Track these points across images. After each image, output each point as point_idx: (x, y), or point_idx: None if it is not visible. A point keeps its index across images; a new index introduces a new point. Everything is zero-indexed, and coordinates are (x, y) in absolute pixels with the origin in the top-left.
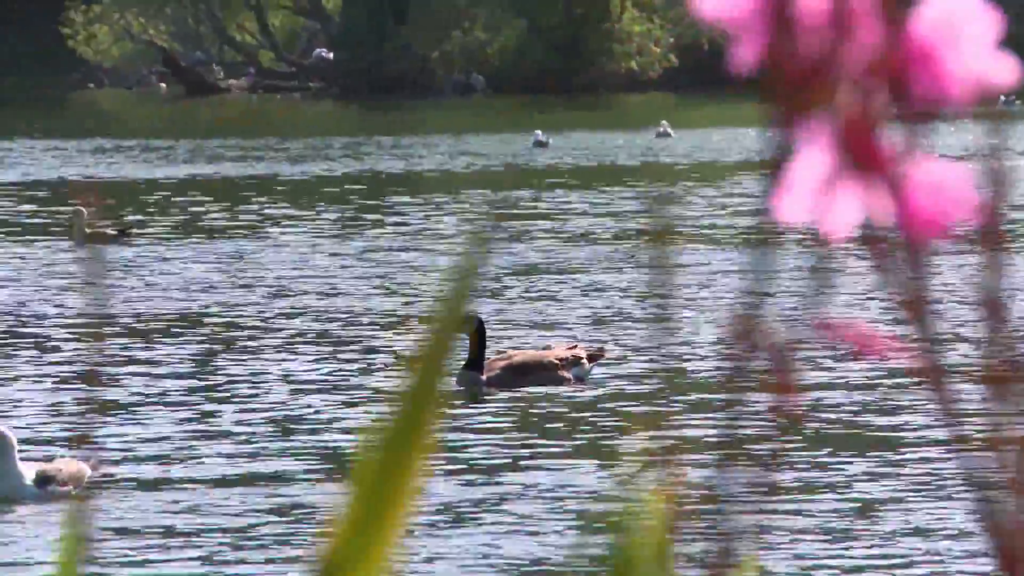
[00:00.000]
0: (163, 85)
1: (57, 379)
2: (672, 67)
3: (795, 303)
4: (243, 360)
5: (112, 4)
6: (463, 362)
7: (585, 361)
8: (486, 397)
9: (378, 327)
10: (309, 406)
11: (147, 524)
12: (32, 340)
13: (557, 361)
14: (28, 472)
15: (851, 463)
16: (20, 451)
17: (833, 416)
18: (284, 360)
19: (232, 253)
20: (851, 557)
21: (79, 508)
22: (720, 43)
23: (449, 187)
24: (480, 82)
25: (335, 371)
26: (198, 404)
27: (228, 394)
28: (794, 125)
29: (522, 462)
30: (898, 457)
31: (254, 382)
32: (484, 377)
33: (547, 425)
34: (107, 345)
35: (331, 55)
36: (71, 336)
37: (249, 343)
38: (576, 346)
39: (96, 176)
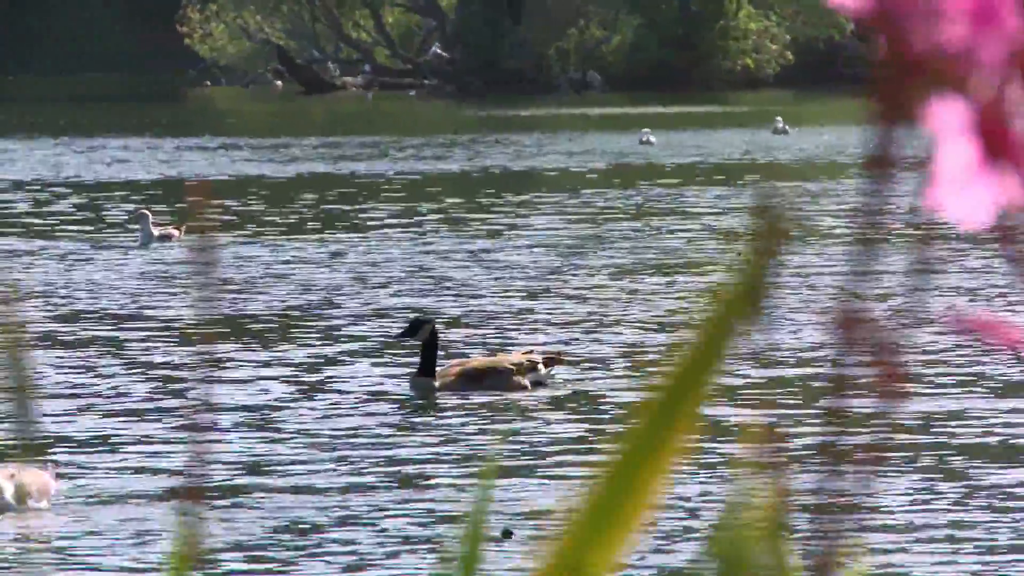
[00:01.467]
0: (278, 83)
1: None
2: (789, 64)
3: (903, 301)
4: (354, 357)
5: (229, 2)
6: (415, 369)
7: (541, 366)
8: (439, 403)
9: (493, 324)
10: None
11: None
12: (140, 341)
13: (512, 367)
14: (6, 485)
15: (955, 467)
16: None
17: (943, 420)
18: (398, 357)
19: (346, 251)
20: (957, 564)
21: (190, 514)
22: (837, 41)
23: (561, 185)
24: (596, 79)
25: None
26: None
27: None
28: (924, 117)
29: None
30: (1009, 464)
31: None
32: (437, 383)
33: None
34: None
35: (446, 52)
36: (175, 336)
37: (363, 342)
38: (532, 351)
39: (209, 174)
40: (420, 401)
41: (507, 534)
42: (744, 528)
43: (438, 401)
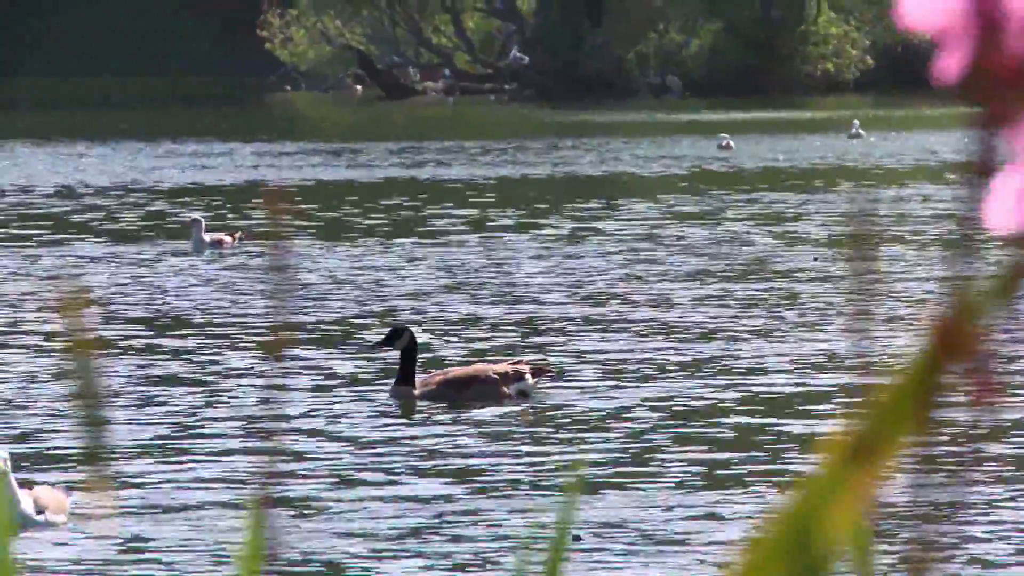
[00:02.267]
0: (359, 88)
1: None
2: (868, 69)
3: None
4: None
5: (309, 7)
6: (394, 378)
7: (529, 376)
8: (419, 412)
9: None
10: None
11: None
12: (190, 346)
13: (496, 376)
14: (26, 499)
15: None
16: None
17: None
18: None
19: (423, 256)
20: None
21: (263, 517)
22: (916, 45)
23: (638, 190)
24: (676, 84)
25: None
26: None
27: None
28: (1001, 130)
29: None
30: None
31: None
32: (416, 392)
33: (489, 442)
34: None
35: (526, 57)
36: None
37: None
38: (520, 361)
39: (287, 179)
40: (398, 409)
41: (575, 538)
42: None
43: (419, 410)
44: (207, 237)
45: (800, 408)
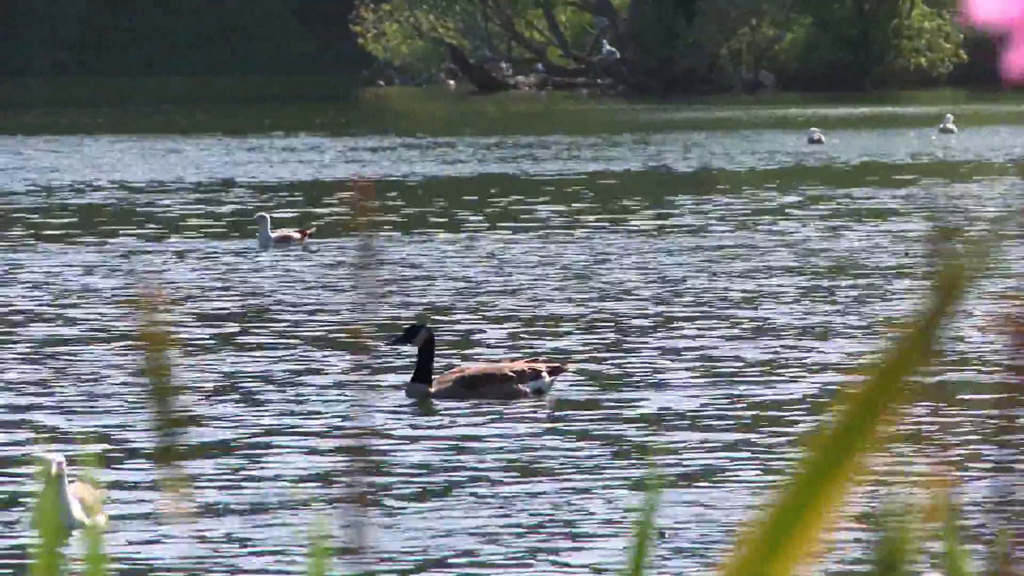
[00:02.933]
0: (452, 82)
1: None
2: (962, 63)
3: None
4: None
5: (402, 2)
6: (411, 375)
7: (545, 375)
8: (435, 409)
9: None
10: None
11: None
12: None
13: (512, 374)
14: (75, 502)
15: None
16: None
17: None
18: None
19: (515, 250)
20: None
21: (357, 517)
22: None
23: (728, 185)
24: (769, 79)
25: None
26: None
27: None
28: None
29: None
30: None
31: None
32: (433, 389)
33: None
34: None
35: (618, 52)
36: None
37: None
38: (537, 359)
39: (379, 174)
40: (414, 406)
41: (660, 535)
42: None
43: (435, 407)
44: (273, 233)
45: None
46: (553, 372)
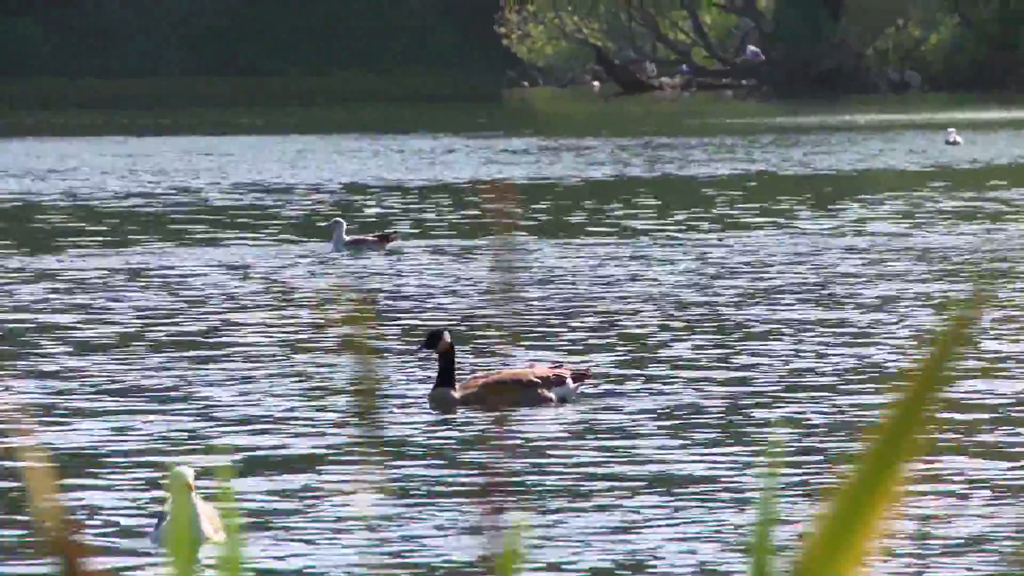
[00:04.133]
0: (596, 83)
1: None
2: None
3: None
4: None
5: (547, 3)
6: (434, 380)
7: (569, 381)
8: (459, 415)
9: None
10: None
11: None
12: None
13: (537, 379)
14: (205, 517)
15: None
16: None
17: None
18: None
19: (655, 252)
20: None
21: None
22: None
23: (864, 185)
24: (915, 79)
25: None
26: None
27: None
28: None
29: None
30: None
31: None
32: (457, 395)
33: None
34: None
35: (763, 52)
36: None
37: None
38: (561, 365)
39: (521, 175)
40: (437, 412)
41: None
42: None
43: (460, 412)
44: (347, 237)
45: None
46: (577, 378)
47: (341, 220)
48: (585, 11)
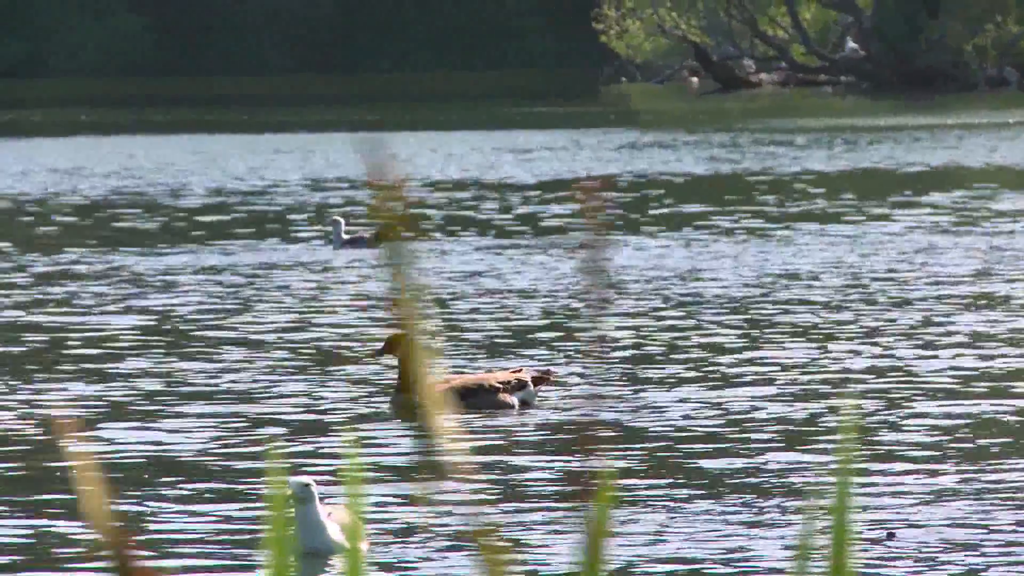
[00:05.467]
0: (694, 80)
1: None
2: None
3: None
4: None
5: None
6: (394, 387)
7: (530, 384)
8: (420, 421)
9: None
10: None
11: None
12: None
13: (499, 384)
14: (332, 523)
15: None
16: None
17: None
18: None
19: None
20: None
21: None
22: None
23: (971, 183)
24: (1013, 75)
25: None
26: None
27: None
28: None
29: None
30: None
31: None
32: (418, 400)
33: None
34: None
35: (862, 49)
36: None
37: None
38: (521, 369)
39: (619, 172)
40: (397, 418)
41: (890, 536)
42: None
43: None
44: (345, 236)
45: None
46: (537, 381)
47: (339, 218)
48: (683, 7)
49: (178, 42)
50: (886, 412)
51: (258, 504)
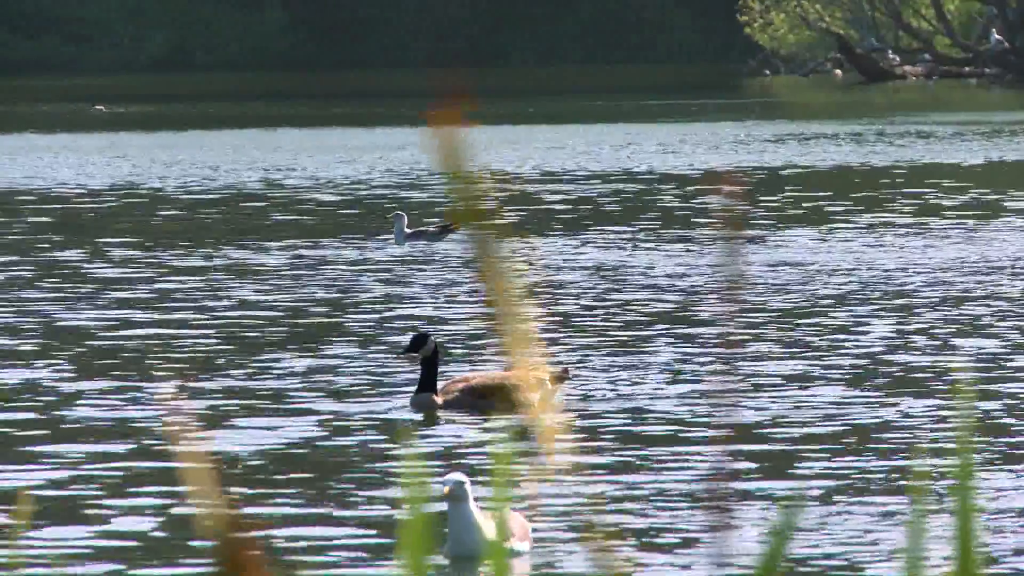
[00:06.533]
0: (838, 72)
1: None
2: None
3: None
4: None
5: None
6: (416, 385)
7: (548, 383)
8: (441, 420)
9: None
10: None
11: None
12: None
13: (517, 383)
14: (488, 524)
15: None
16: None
17: None
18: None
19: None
20: None
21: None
22: None
23: None
24: None
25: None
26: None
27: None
28: None
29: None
30: None
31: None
32: (440, 400)
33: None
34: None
35: (1007, 41)
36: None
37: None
38: (540, 368)
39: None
40: (419, 417)
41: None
42: None
43: (444, 417)
44: (408, 230)
45: None
46: (555, 380)
47: (402, 213)
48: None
49: (324, 36)
50: None
51: (382, 505)
